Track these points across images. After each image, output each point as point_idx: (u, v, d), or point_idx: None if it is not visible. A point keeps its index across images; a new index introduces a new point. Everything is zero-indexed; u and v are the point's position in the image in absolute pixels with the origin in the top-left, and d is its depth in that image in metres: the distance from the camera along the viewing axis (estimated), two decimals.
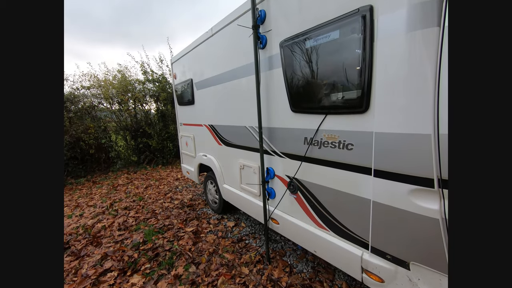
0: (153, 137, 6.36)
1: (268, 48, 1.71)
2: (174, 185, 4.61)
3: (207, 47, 2.51)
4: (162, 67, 6.62)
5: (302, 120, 1.53)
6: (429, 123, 0.96)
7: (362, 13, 1.10)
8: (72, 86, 6.01)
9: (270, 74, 1.72)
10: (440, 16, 0.92)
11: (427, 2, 0.92)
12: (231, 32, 2.08)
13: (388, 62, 1.05)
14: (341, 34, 1.21)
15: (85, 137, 5.58)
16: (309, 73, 1.41)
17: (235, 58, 2.09)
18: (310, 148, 1.50)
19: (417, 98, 0.99)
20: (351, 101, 1.22)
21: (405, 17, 0.96)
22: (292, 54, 1.49)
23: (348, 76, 1.21)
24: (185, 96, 3.21)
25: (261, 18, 1.69)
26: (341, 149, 1.32)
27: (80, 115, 5.89)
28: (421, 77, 0.97)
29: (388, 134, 1.08)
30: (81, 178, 5.40)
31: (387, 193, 1.14)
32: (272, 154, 1.85)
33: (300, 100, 1.52)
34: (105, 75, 6.34)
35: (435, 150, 0.96)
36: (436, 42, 0.93)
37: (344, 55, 1.21)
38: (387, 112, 1.08)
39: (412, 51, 0.97)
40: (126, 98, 6.18)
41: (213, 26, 2.32)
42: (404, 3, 0.95)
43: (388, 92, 1.07)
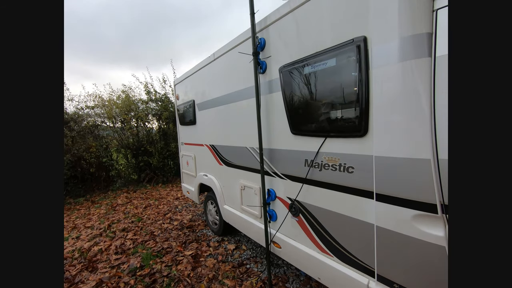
0: (154, 155, 6.38)
1: (268, 73, 1.78)
2: (173, 204, 4.53)
3: (209, 70, 2.61)
4: (165, 87, 6.82)
5: (302, 142, 1.55)
6: (427, 148, 0.97)
7: (357, 43, 1.16)
8: (77, 106, 6.16)
9: (270, 97, 1.77)
10: (431, 47, 0.97)
11: (417, 35, 0.97)
12: (232, 57, 2.18)
13: (383, 89, 1.09)
14: (337, 62, 1.26)
15: (87, 156, 5.60)
16: (308, 97, 1.45)
17: (236, 81, 2.16)
18: (311, 170, 1.50)
19: (414, 123, 1.01)
20: (349, 125, 1.25)
21: (397, 48, 1.01)
22: (291, 79, 1.55)
23: (346, 100, 1.25)
24: (187, 116, 3.28)
25: (261, 45, 1.78)
26: (342, 172, 1.32)
27: (83, 134, 5.96)
28: (416, 103, 1.00)
29: (387, 158, 1.09)
30: (80, 198, 5.33)
31: (390, 218, 1.12)
32: (273, 176, 1.84)
33: (299, 122, 1.55)
34: (110, 95, 6.52)
35: (436, 175, 0.96)
36: (429, 71, 0.97)
37: (341, 81, 1.26)
38: (386, 136, 1.10)
39: (406, 79, 1.01)
40: (129, 117, 6.29)
41: (215, 52, 2.43)
42: (395, 35, 1.01)
43: (386, 117, 1.09)
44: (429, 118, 0.98)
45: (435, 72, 0.96)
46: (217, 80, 2.48)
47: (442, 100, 0.95)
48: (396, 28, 1.00)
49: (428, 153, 0.97)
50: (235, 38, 2.10)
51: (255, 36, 1.76)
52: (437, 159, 0.96)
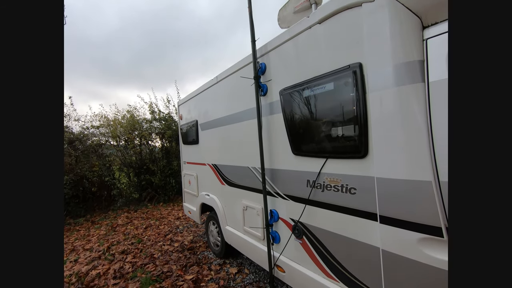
0: (156, 174, 6.38)
1: (268, 95, 1.84)
2: (175, 225, 4.44)
3: (212, 92, 2.70)
4: (169, 107, 7.00)
5: (303, 163, 1.56)
6: (428, 170, 0.98)
7: (353, 69, 1.22)
8: (83, 126, 6.30)
9: (271, 119, 1.82)
10: (423, 73, 1.01)
11: (410, 62, 1.03)
12: (234, 80, 2.27)
13: (381, 112, 1.12)
14: (335, 86, 1.32)
15: (89, 175, 5.62)
16: (308, 119, 1.49)
17: (238, 103, 2.23)
18: (313, 191, 1.50)
19: (413, 145, 1.03)
20: (350, 147, 1.27)
21: (392, 74, 1.06)
22: (291, 102, 1.60)
23: (345, 122, 1.28)
24: (190, 136, 3.33)
25: (261, 69, 1.87)
26: (344, 193, 1.32)
27: (87, 153, 6.03)
28: (413, 126, 1.02)
29: (389, 180, 1.10)
30: (80, 218, 5.26)
31: (396, 241, 1.10)
32: (276, 196, 1.83)
33: (300, 143, 1.57)
34: (115, 115, 6.69)
35: (438, 197, 0.96)
36: (424, 96, 1.01)
37: (340, 104, 1.30)
38: (386, 158, 1.11)
39: (402, 102, 1.05)
40: (133, 136, 6.40)
41: (218, 75, 2.54)
42: (389, 63, 1.07)
43: (384, 139, 1.11)
44: (427, 140, 1.00)
45: (430, 96, 1.00)
46: (220, 101, 2.57)
47: (439, 123, 0.98)
48: (389, 56, 1.06)
49: (429, 175, 0.98)
50: (238, 62, 2.20)
51: (256, 61, 1.85)
52: (438, 181, 0.97)
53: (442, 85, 0.97)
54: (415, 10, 1.04)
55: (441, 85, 0.97)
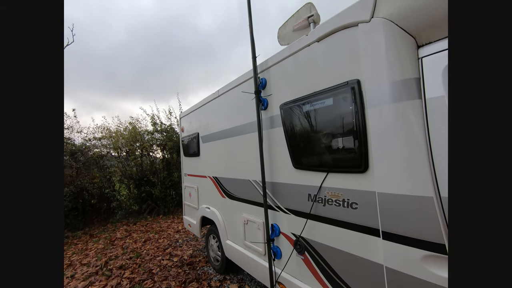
0: (156, 185, 6.35)
1: (269, 109, 1.88)
2: (174, 238, 4.36)
3: (214, 105, 2.75)
4: (171, 119, 7.08)
5: (304, 177, 1.56)
6: (429, 185, 0.98)
7: (351, 85, 1.25)
8: (85, 138, 6.35)
9: (272, 132, 1.84)
10: (420, 90, 1.04)
11: (407, 79, 1.06)
12: (236, 94, 2.32)
13: (379, 127, 1.14)
14: (334, 101, 1.35)
15: (90, 187, 5.59)
16: (308, 133, 1.51)
17: (239, 116, 2.26)
18: (314, 205, 1.49)
19: (412, 160, 1.04)
20: (350, 161, 1.27)
21: (389, 91, 1.09)
22: (291, 116, 1.63)
23: (345, 137, 1.30)
24: (191, 148, 3.35)
25: (262, 84, 1.91)
26: (346, 208, 1.31)
27: (88, 165, 6.04)
28: (412, 142, 1.04)
29: (390, 195, 1.09)
30: (79, 231, 5.18)
31: (399, 258, 1.08)
32: (277, 210, 1.81)
33: (301, 157, 1.58)
34: (117, 126, 6.76)
35: (441, 213, 0.96)
36: (421, 112, 1.03)
37: (339, 119, 1.32)
38: (386, 173, 1.12)
39: (400, 118, 1.07)
40: (134, 148, 6.43)
41: (219, 89, 2.59)
42: (386, 80, 1.09)
43: (384, 154, 1.12)
44: (426, 156, 1.00)
45: (427, 113, 1.02)
46: (221, 114, 2.60)
47: (437, 139, 0.99)
48: (386, 74, 1.09)
49: (430, 191, 0.98)
50: (239, 77, 2.26)
51: (257, 76, 1.90)
52: (439, 196, 0.96)
53: (439, 102, 0.99)
54: (409, 30, 1.08)
55: (438, 101, 1.00)
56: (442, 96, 0.99)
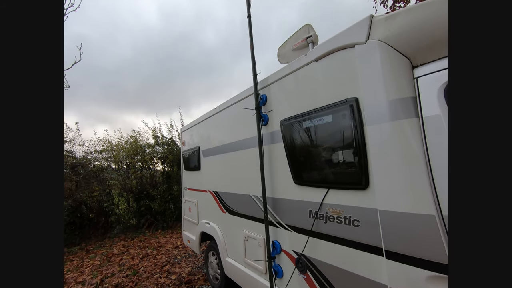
0: (156, 199, 6.28)
1: (270, 124, 1.91)
2: (172, 254, 4.25)
3: (215, 120, 2.79)
4: (172, 132, 7.14)
5: (305, 193, 1.56)
6: (430, 204, 0.98)
7: (350, 103, 1.28)
8: (86, 151, 6.37)
9: (273, 147, 1.85)
10: (417, 109, 1.07)
11: (403, 98, 1.08)
12: (237, 109, 2.36)
13: (378, 144, 1.15)
14: (333, 118, 1.37)
15: (88, 200, 5.54)
16: (308, 149, 1.52)
17: (240, 131, 2.29)
18: (316, 222, 1.47)
19: (412, 178, 1.04)
20: (350, 177, 1.28)
21: (386, 109, 1.12)
22: (292, 132, 1.65)
23: (344, 154, 1.31)
24: (192, 162, 3.36)
25: (262, 101, 1.96)
26: (347, 225, 1.29)
27: (88, 178, 6.02)
28: (411, 159, 1.05)
29: (392, 213, 1.08)
30: (75, 247, 5.06)
31: (404, 279, 1.05)
32: (278, 226, 1.79)
33: (301, 173, 1.58)
34: (119, 140, 6.80)
35: (443, 232, 0.95)
36: (419, 130, 1.05)
37: (339, 136, 1.34)
38: (387, 190, 1.11)
39: (398, 136, 1.08)
40: (135, 160, 6.43)
41: (220, 104, 2.65)
42: (383, 98, 1.12)
43: (384, 171, 1.13)
44: (426, 173, 1.01)
45: (425, 131, 1.04)
46: (222, 129, 2.64)
47: (436, 156, 1.00)
48: (383, 93, 1.13)
49: (431, 209, 0.97)
50: (240, 93, 2.31)
51: (258, 93, 1.95)
52: (441, 215, 0.96)
53: (436, 120, 1.01)
54: (404, 52, 1.13)
55: (435, 120, 1.02)
56: (439, 115, 1.01)
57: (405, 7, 1.09)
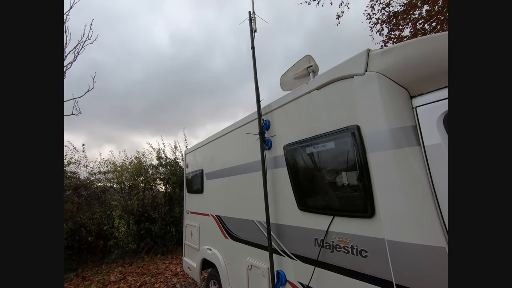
0: (156, 221, 6.14)
1: (273, 149, 1.93)
2: (172, 282, 4.05)
3: (219, 143, 2.83)
4: (176, 153, 7.20)
5: (310, 220, 1.53)
6: (439, 234, 0.95)
7: (351, 130, 1.31)
8: (91, 172, 6.41)
9: (276, 172, 1.86)
10: (418, 138, 1.09)
11: (404, 127, 1.11)
12: (240, 133, 2.41)
13: (382, 172, 1.15)
14: (336, 145, 1.39)
15: (88, 223, 5.44)
16: (311, 175, 1.53)
17: (244, 155, 2.31)
18: (322, 251, 1.42)
19: (419, 207, 1.03)
20: (355, 205, 1.26)
21: (388, 137, 1.14)
22: (295, 157, 1.66)
23: (348, 180, 1.31)
24: (195, 185, 3.34)
25: (266, 126, 2.00)
26: (355, 256, 1.25)
27: (90, 199, 5.97)
28: (416, 188, 1.04)
29: (401, 244, 1.05)
30: (71, 273, 4.86)
31: None
32: (282, 255, 1.72)
33: (305, 199, 1.57)
34: (123, 161, 6.86)
35: None
36: (422, 158, 1.06)
37: (342, 163, 1.35)
38: (394, 219, 1.09)
39: (402, 164, 1.09)
40: (138, 182, 6.42)
41: (224, 128, 2.71)
42: (384, 127, 1.15)
43: (390, 200, 1.11)
44: (432, 202, 1.00)
45: (428, 159, 1.04)
46: (226, 152, 2.67)
47: (442, 185, 1.00)
48: (384, 122, 1.16)
49: (441, 240, 0.94)
50: (244, 118, 2.38)
51: (261, 118, 2.01)
52: None
53: (438, 149, 1.03)
54: (401, 83, 1.18)
55: (437, 149, 1.03)
56: (440, 143, 1.02)
57: (399, 44, 1.16)
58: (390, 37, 5.94)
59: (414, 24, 5.52)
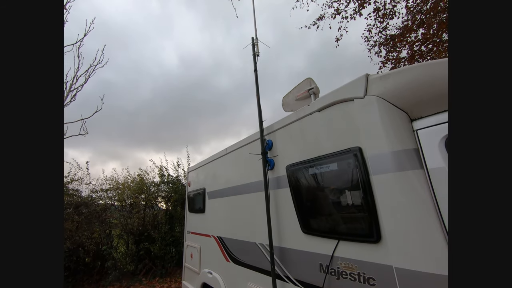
0: (156, 241, 5.97)
1: (276, 169, 1.93)
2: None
3: (222, 162, 2.84)
4: (178, 170, 7.19)
5: (314, 243, 1.48)
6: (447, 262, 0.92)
7: (353, 152, 1.32)
8: (92, 189, 6.38)
9: (279, 193, 1.84)
10: (421, 161, 1.09)
11: (406, 150, 1.12)
12: (243, 153, 2.42)
13: (386, 195, 1.14)
14: (339, 166, 1.39)
15: (87, 242, 5.31)
16: (315, 197, 1.51)
17: (246, 174, 2.31)
18: (327, 278, 1.36)
19: (426, 233, 1.00)
20: (360, 229, 1.23)
21: (391, 159, 1.14)
22: (298, 178, 1.66)
23: (352, 203, 1.28)
24: (197, 204, 3.30)
25: (268, 146, 2.02)
26: (362, 284, 1.19)
27: (90, 218, 5.89)
28: (422, 212, 1.02)
29: (410, 272, 1.01)
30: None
31: None
32: (286, 281, 1.65)
33: (309, 221, 1.53)
34: (125, 178, 6.85)
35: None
36: (426, 182, 1.05)
37: (345, 184, 1.34)
38: (402, 245, 1.06)
39: (406, 187, 1.08)
40: (139, 200, 6.35)
41: (227, 147, 2.73)
42: (386, 150, 1.16)
43: (395, 224, 1.09)
44: (439, 228, 0.97)
45: (432, 183, 1.04)
46: (229, 171, 2.66)
47: (446, 209, 0.98)
48: (386, 144, 1.16)
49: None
50: (246, 137, 2.41)
51: (264, 139, 2.03)
52: None
53: (442, 173, 1.02)
54: (400, 106, 1.20)
55: (441, 172, 1.03)
56: (444, 167, 1.02)
57: (396, 70, 1.21)
58: (388, 59, 6.14)
59: (411, 46, 5.73)
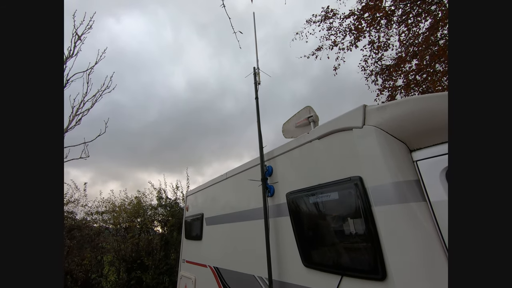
0: (149, 269, 5.63)
1: (276, 196, 1.89)
2: None
3: (221, 187, 2.80)
4: (177, 193, 7.06)
5: (316, 278, 1.39)
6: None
7: (354, 182, 1.31)
8: (88, 212, 6.21)
9: (279, 221, 1.78)
10: (423, 193, 1.07)
11: (407, 181, 1.11)
12: (243, 178, 2.40)
13: (389, 228, 1.10)
14: (340, 195, 1.37)
15: (76, 270, 5.01)
16: (316, 227, 1.46)
17: (245, 201, 2.26)
18: None
19: (434, 269, 0.95)
20: (364, 265, 1.17)
21: (392, 191, 1.12)
22: (298, 206, 1.62)
23: (355, 236, 1.24)
24: (194, 230, 3.18)
25: (268, 172, 2.01)
26: None
27: (82, 243, 5.64)
28: (430, 247, 0.98)
29: None
30: None
31: None
32: None
33: (310, 254, 1.46)
34: (122, 201, 6.70)
35: None
36: (429, 215, 1.02)
37: (347, 215, 1.30)
38: (410, 283, 1.00)
39: (410, 220, 1.05)
40: (134, 224, 6.14)
41: (227, 172, 2.72)
42: (387, 180, 1.15)
43: (401, 259, 1.04)
44: (447, 263, 0.92)
45: (436, 216, 1.01)
46: (228, 197, 2.61)
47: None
48: (386, 175, 1.16)
49: None
50: (246, 163, 2.41)
51: (264, 165, 2.03)
52: None
53: (445, 206, 1.00)
54: (399, 137, 1.22)
55: (444, 206, 1.00)
56: (446, 200, 1.00)
57: (393, 102, 1.25)
58: (385, 87, 6.38)
59: (406, 76, 5.98)
